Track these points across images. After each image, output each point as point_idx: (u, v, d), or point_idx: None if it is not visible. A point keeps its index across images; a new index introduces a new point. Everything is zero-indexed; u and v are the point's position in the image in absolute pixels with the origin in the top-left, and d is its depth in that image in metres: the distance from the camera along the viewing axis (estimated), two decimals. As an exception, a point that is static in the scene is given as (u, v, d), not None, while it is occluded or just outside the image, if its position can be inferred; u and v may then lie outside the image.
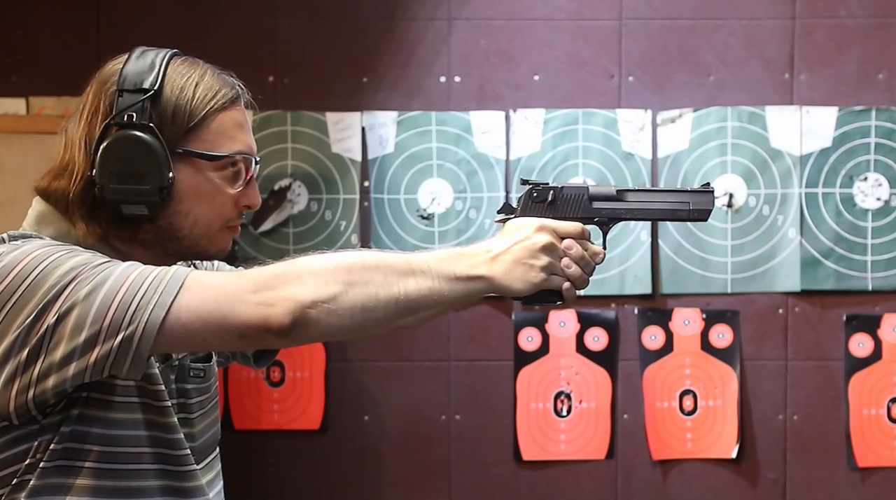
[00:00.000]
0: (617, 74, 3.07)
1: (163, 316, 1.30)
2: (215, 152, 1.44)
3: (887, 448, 3.06)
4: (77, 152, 1.42)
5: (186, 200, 1.43)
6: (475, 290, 1.43)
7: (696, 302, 3.08)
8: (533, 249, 1.44)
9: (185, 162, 1.42)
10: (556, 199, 1.50)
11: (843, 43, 3.05)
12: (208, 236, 1.47)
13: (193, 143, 1.43)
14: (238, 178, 1.47)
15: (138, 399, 1.43)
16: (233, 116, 1.46)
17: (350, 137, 3.07)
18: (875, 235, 3.06)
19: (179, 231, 1.45)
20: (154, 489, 1.44)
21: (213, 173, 1.44)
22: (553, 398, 3.09)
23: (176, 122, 1.41)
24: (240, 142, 1.47)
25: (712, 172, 3.06)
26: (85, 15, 3.04)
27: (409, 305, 1.39)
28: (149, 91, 1.40)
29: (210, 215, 1.46)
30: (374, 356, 3.10)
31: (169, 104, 1.41)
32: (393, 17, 3.07)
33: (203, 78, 1.45)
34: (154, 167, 1.39)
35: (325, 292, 1.34)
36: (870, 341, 3.06)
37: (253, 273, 1.35)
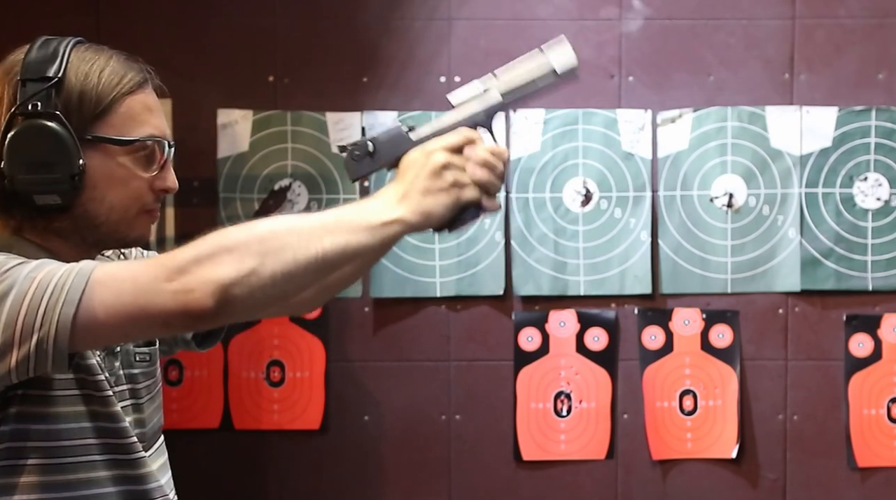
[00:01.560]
0: (617, 74, 3.07)
1: (73, 313, 1.27)
2: (125, 137, 1.42)
3: (887, 448, 3.06)
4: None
5: (100, 187, 1.42)
6: (393, 233, 1.38)
7: (696, 302, 3.08)
8: (433, 174, 1.39)
9: (95, 148, 1.41)
10: (376, 148, 1.45)
11: (843, 43, 3.05)
12: (126, 222, 1.45)
13: (102, 128, 1.41)
14: (151, 161, 1.45)
15: (79, 391, 1.42)
16: (141, 99, 1.45)
17: (350, 137, 3.07)
18: (875, 235, 3.06)
19: (96, 218, 1.43)
20: (105, 479, 1.44)
21: (124, 158, 1.43)
22: (553, 398, 3.09)
23: (83, 108, 1.40)
24: (150, 125, 1.45)
25: (712, 172, 3.07)
26: (85, 15, 3.04)
27: (329, 262, 1.35)
28: (52, 79, 1.38)
29: (126, 200, 1.44)
30: (374, 356, 3.10)
31: (74, 91, 1.40)
32: (393, 17, 3.07)
33: (108, 63, 1.43)
34: (63, 155, 1.38)
35: (244, 268, 1.29)
36: (870, 341, 3.06)
37: (165, 259, 1.31)
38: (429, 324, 3.09)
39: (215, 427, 3.06)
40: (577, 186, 3.08)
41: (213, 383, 3.07)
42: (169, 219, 3.06)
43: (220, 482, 3.07)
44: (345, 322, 3.09)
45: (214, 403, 3.07)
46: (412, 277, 3.07)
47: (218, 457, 3.05)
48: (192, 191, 3.06)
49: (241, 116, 3.06)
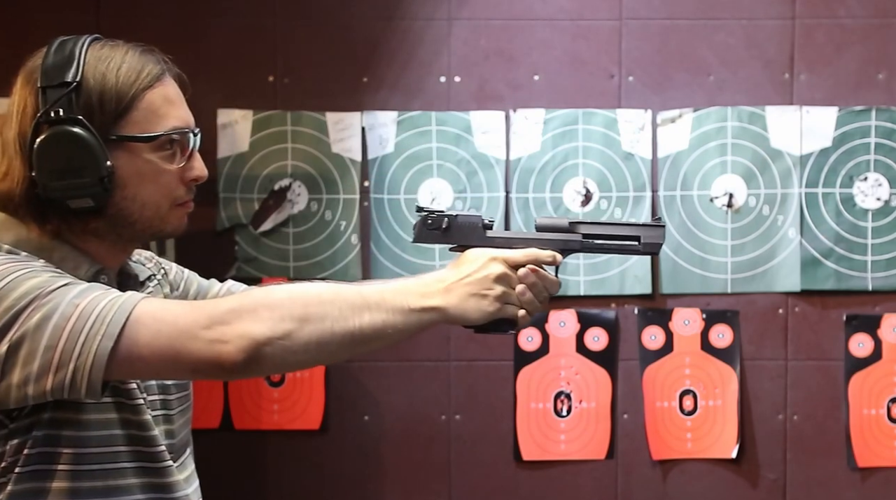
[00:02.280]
0: (617, 74, 3.07)
1: (110, 348, 1.30)
2: (149, 133, 1.42)
3: (887, 448, 3.06)
4: (13, 155, 1.40)
5: (131, 185, 1.42)
6: (428, 320, 1.44)
7: (696, 302, 3.08)
8: (486, 280, 1.46)
9: (121, 148, 1.41)
10: (450, 228, 1.51)
11: (843, 43, 3.05)
12: (160, 217, 1.46)
13: (126, 127, 1.41)
14: (178, 153, 1.46)
15: (111, 399, 1.43)
16: (161, 92, 1.45)
17: (350, 137, 3.07)
18: (875, 235, 3.06)
19: (130, 216, 1.43)
20: (134, 486, 1.45)
21: (151, 154, 1.43)
22: (553, 398, 3.09)
23: (104, 109, 1.40)
24: (173, 118, 1.45)
25: (712, 172, 3.07)
26: (85, 15, 3.04)
27: (363, 338, 1.41)
28: (71, 84, 1.39)
29: (157, 196, 1.45)
30: (374, 356, 3.10)
31: (94, 93, 1.39)
32: (393, 17, 3.07)
33: (125, 59, 1.43)
34: (90, 159, 1.38)
35: (280, 329, 1.33)
36: (870, 341, 3.06)
37: (208, 306, 1.34)
38: (429, 324, 3.09)
39: (215, 427, 3.07)
40: (577, 186, 3.08)
41: (213, 384, 3.07)
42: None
43: (221, 482, 3.07)
44: (345, 322, 3.08)
45: (215, 403, 3.07)
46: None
47: (218, 457, 3.05)
48: (192, 191, 3.05)
49: (241, 116, 3.06)
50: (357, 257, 3.08)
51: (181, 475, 1.53)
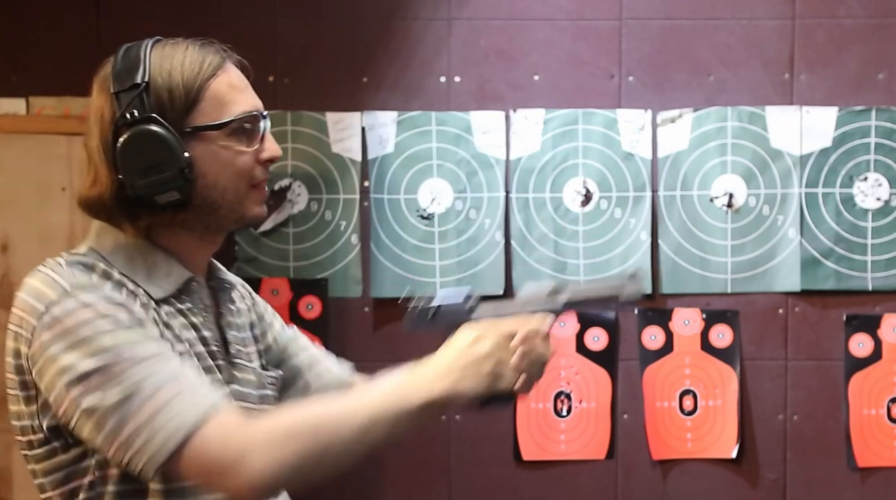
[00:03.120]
0: (617, 74, 3.07)
1: (166, 456, 1.35)
2: (220, 120, 1.47)
3: (887, 448, 3.06)
4: (99, 162, 1.47)
5: (210, 173, 1.47)
6: (429, 415, 1.50)
7: (696, 302, 3.08)
8: (474, 359, 1.49)
9: (196, 138, 1.46)
10: (436, 317, 1.57)
11: (843, 43, 3.05)
12: (240, 200, 1.50)
13: (197, 118, 1.46)
14: (251, 135, 1.51)
15: None
16: (224, 80, 1.49)
17: (350, 137, 3.07)
18: (875, 235, 3.06)
19: (214, 203, 1.48)
20: None
21: (224, 141, 1.48)
22: (553, 398, 3.09)
23: (174, 104, 1.45)
24: (240, 102, 1.50)
25: (712, 172, 3.07)
26: (85, 15, 3.04)
27: (369, 452, 1.47)
28: (141, 84, 1.44)
29: (236, 179, 1.50)
30: (374, 356, 3.10)
31: (163, 90, 1.45)
32: (393, 17, 3.07)
33: (186, 54, 1.48)
34: (169, 153, 1.44)
35: (285, 465, 1.40)
36: (870, 341, 3.06)
37: (264, 436, 1.39)
38: (429, 324, 3.09)
39: (215, 427, 3.06)
40: (577, 186, 3.08)
41: (213, 383, 3.07)
42: (169, 219, 3.06)
43: (220, 482, 3.07)
44: (345, 322, 3.09)
45: (214, 403, 3.07)
46: (412, 277, 3.07)
47: (218, 457, 3.04)
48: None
49: (241, 116, 3.06)
50: (357, 257, 3.08)
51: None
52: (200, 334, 1.50)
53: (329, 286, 3.08)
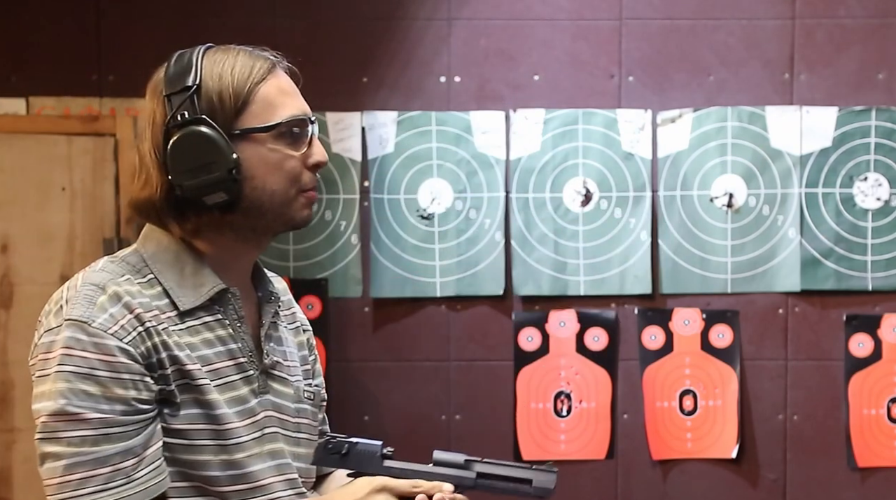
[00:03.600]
0: (617, 74, 3.07)
1: None
2: (268, 123, 1.50)
3: (887, 448, 3.06)
4: (150, 164, 1.49)
5: (258, 176, 1.49)
6: None
7: (696, 302, 3.08)
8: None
9: (245, 140, 1.48)
10: (348, 455, 1.54)
11: (843, 43, 3.05)
12: (288, 204, 1.53)
13: (246, 120, 1.48)
14: (299, 140, 1.53)
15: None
16: (274, 84, 1.51)
17: (350, 137, 3.07)
18: (875, 235, 3.06)
19: (261, 206, 1.50)
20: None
21: (273, 144, 1.50)
22: (553, 398, 3.09)
23: (224, 106, 1.47)
24: (289, 107, 1.52)
25: (712, 172, 3.07)
26: (85, 15, 3.04)
27: None
28: (192, 87, 1.47)
29: (284, 183, 1.52)
30: (374, 356, 3.10)
31: (213, 93, 1.47)
32: (393, 17, 3.07)
33: (237, 59, 1.50)
34: (218, 154, 1.46)
35: None
36: (870, 341, 3.06)
37: None
38: (429, 324, 3.09)
39: (215, 427, 3.06)
40: (577, 186, 3.08)
41: (213, 383, 3.07)
42: (169, 219, 3.06)
43: (220, 482, 3.07)
44: (345, 322, 3.09)
45: (214, 403, 3.07)
46: (412, 277, 3.07)
47: (218, 457, 3.05)
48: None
49: (241, 116, 3.06)
50: (357, 256, 3.08)
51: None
52: (227, 347, 1.51)
53: (329, 286, 3.08)
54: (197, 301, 1.49)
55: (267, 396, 1.54)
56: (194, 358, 1.46)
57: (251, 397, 1.52)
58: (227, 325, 1.51)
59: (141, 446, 1.41)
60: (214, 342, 1.49)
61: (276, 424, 1.55)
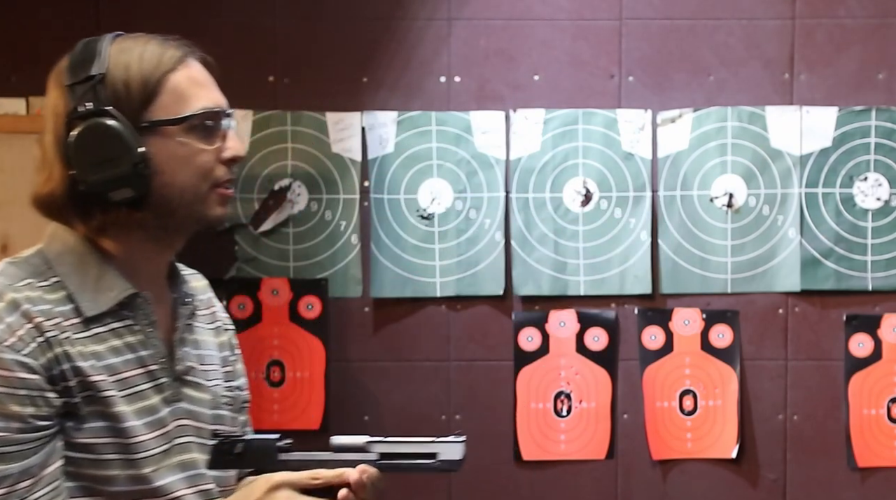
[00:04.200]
0: (617, 74, 3.07)
1: None
2: (178, 115, 1.42)
3: (887, 448, 3.06)
4: (53, 158, 1.41)
5: (168, 170, 1.42)
6: None
7: (696, 302, 3.08)
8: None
9: (153, 133, 1.41)
10: (244, 454, 1.46)
11: (843, 43, 3.05)
12: (199, 201, 1.45)
13: (155, 112, 1.41)
14: (212, 133, 1.46)
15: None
16: (185, 74, 1.44)
17: (350, 137, 3.07)
18: (875, 235, 3.06)
19: (171, 203, 1.43)
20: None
21: (183, 137, 1.43)
22: (553, 398, 3.09)
23: (131, 97, 1.40)
24: (202, 98, 1.45)
25: (712, 172, 3.07)
26: (85, 15, 3.04)
27: None
28: (95, 76, 1.39)
29: (196, 178, 1.44)
30: (374, 356, 3.10)
31: (119, 82, 1.40)
32: (393, 17, 3.07)
33: (146, 47, 1.44)
34: (123, 147, 1.38)
35: None
36: (870, 341, 3.06)
37: None
38: (429, 324, 3.09)
39: (215, 427, 3.06)
40: (577, 186, 3.08)
41: (213, 383, 3.07)
42: (169, 219, 3.06)
43: (220, 482, 3.07)
44: (345, 322, 3.09)
45: (214, 403, 3.07)
46: (412, 277, 3.07)
47: (218, 457, 3.05)
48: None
49: (241, 116, 3.06)
50: (357, 256, 3.08)
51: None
52: (137, 354, 1.43)
53: (329, 286, 3.08)
54: (103, 307, 1.41)
55: (180, 404, 1.47)
56: (99, 368, 1.38)
57: (162, 407, 1.44)
58: (138, 331, 1.44)
59: (38, 465, 1.32)
60: (123, 350, 1.42)
61: (190, 433, 1.48)
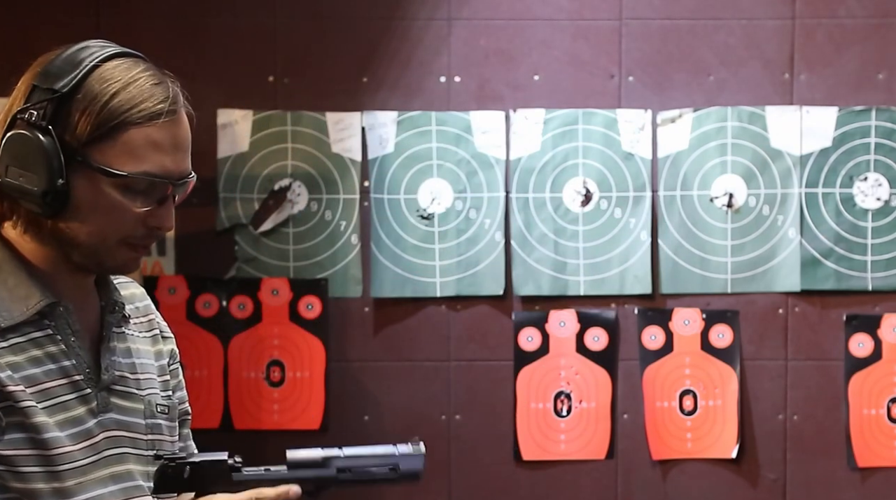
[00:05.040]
0: (617, 74, 3.07)
1: None
2: (115, 169, 1.34)
3: (887, 448, 3.06)
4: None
5: (84, 210, 1.35)
6: None
7: (696, 302, 3.08)
8: None
9: (83, 172, 1.34)
10: (191, 478, 1.39)
11: (843, 43, 3.05)
12: (105, 249, 1.38)
13: (94, 154, 1.34)
14: (147, 197, 1.37)
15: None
16: (148, 133, 1.35)
17: (350, 137, 3.07)
18: (875, 235, 3.06)
19: (74, 239, 1.37)
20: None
21: (111, 190, 1.35)
22: (553, 398, 3.09)
23: (79, 129, 1.33)
24: (149, 162, 1.36)
25: (712, 172, 3.07)
26: (85, 15, 3.04)
27: None
28: (57, 93, 1.34)
29: (107, 229, 1.37)
30: (374, 356, 3.10)
31: (77, 109, 1.33)
32: (393, 17, 3.07)
33: (127, 86, 1.35)
34: (44, 171, 1.32)
35: None
36: (870, 341, 3.06)
37: None
38: (429, 324, 3.09)
39: (215, 427, 3.06)
40: (577, 186, 3.08)
41: (213, 383, 3.07)
42: (169, 219, 3.06)
43: (220, 482, 3.07)
44: (345, 322, 3.09)
45: (214, 403, 3.07)
46: (412, 277, 3.07)
47: (218, 457, 3.04)
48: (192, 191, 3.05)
49: (241, 116, 3.06)
50: (357, 256, 3.08)
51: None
52: (60, 364, 1.38)
53: (329, 286, 3.08)
54: (18, 318, 1.35)
55: (109, 414, 1.42)
56: (17, 379, 1.33)
57: (88, 418, 1.39)
58: (60, 340, 1.38)
59: None
60: (44, 360, 1.37)
61: (124, 444, 1.43)
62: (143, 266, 3.03)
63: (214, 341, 3.08)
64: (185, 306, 3.05)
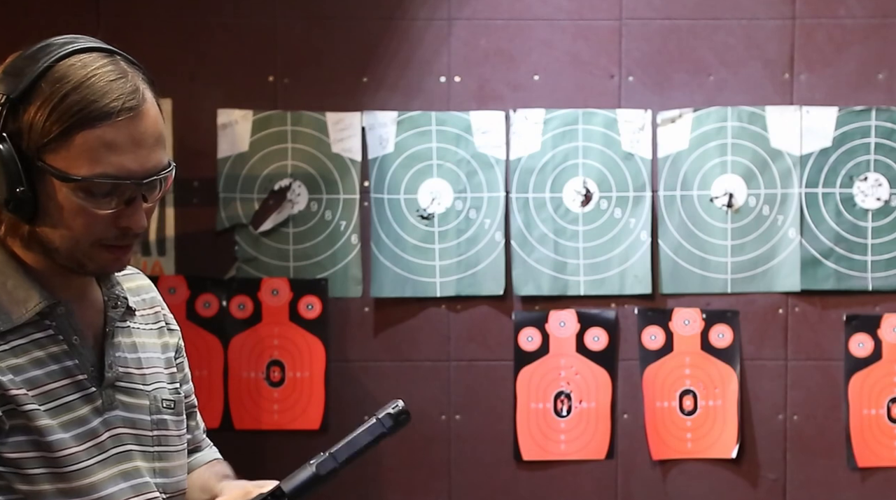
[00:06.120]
0: (617, 74, 3.07)
1: None
2: (70, 173, 1.30)
3: (887, 448, 3.06)
4: None
5: (53, 215, 1.33)
6: None
7: (696, 302, 3.08)
8: None
9: (45, 177, 1.32)
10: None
11: (843, 43, 3.05)
12: (81, 252, 1.36)
13: (52, 158, 1.30)
14: (109, 198, 1.33)
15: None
16: (102, 134, 1.30)
17: (350, 137, 3.07)
18: (875, 235, 3.06)
19: (51, 243, 1.35)
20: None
21: (72, 194, 1.32)
22: (553, 398, 3.09)
23: (33, 133, 1.29)
24: (105, 164, 1.31)
25: (712, 172, 3.07)
26: (85, 15, 3.04)
27: None
28: (9, 98, 1.30)
29: (78, 232, 1.34)
30: (374, 356, 3.10)
31: (31, 113, 1.30)
32: (393, 17, 3.07)
33: (79, 87, 1.30)
34: (2, 179, 1.30)
35: None
36: (870, 341, 3.06)
37: None
38: (429, 324, 3.09)
39: (215, 427, 3.06)
40: (577, 186, 3.08)
41: (213, 383, 3.07)
42: (169, 219, 3.06)
43: (220, 482, 3.07)
44: (345, 322, 3.09)
45: (214, 403, 3.07)
46: (412, 277, 3.07)
47: (218, 457, 3.05)
48: (192, 191, 3.06)
49: (241, 116, 3.06)
50: (357, 256, 3.08)
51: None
52: (62, 365, 1.37)
53: (329, 286, 3.08)
54: (21, 319, 1.35)
55: (114, 412, 1.42)
56: (19, 382, 1.33)
57: (93, 417, 1.39)
58: (62, 340, 1.38)
59: None
60: (46, 361, 1.36)
61: (129, 441, 1.43)
62: (143, 266, 3.03)
63: (214, 341, 3.08)
64: (185, 306, 3.05)
